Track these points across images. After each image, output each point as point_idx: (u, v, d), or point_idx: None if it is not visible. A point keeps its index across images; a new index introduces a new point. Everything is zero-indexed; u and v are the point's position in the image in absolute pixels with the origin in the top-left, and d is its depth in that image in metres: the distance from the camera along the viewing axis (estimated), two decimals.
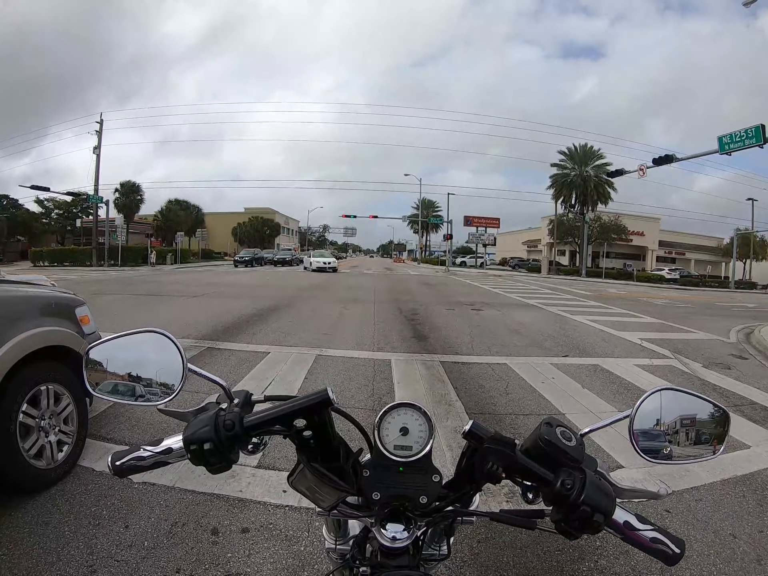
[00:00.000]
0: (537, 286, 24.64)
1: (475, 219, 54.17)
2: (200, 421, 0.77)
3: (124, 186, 50.55)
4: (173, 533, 2.49)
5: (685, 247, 61.38)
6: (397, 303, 13.88)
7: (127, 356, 0.87)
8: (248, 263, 40.93)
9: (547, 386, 5.56)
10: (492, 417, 4.46)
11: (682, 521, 2.85)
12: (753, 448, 3.97)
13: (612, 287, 29.05)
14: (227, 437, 0.75)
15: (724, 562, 2.45)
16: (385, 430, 0.83)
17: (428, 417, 0.84)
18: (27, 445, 2.75)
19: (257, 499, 2.87)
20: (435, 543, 0.93)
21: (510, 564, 2.40)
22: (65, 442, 3.07)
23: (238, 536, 2.50)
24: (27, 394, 2.79)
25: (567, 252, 58.63)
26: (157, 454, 0.81)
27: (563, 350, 7.81)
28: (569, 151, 50.88)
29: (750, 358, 8.00)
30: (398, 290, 19.05)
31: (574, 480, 0.74)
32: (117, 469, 0.81)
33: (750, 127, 17.69)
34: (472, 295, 17.97)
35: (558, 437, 0.78)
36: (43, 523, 2.51)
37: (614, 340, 8.96)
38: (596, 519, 0.72)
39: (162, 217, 57.00)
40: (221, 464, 0.76)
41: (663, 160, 21.50)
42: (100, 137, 36.61)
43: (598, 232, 49.48)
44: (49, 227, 52.76)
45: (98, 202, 37.39)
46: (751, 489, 3.29)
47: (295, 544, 2.44)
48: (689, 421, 0.86)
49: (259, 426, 0.78)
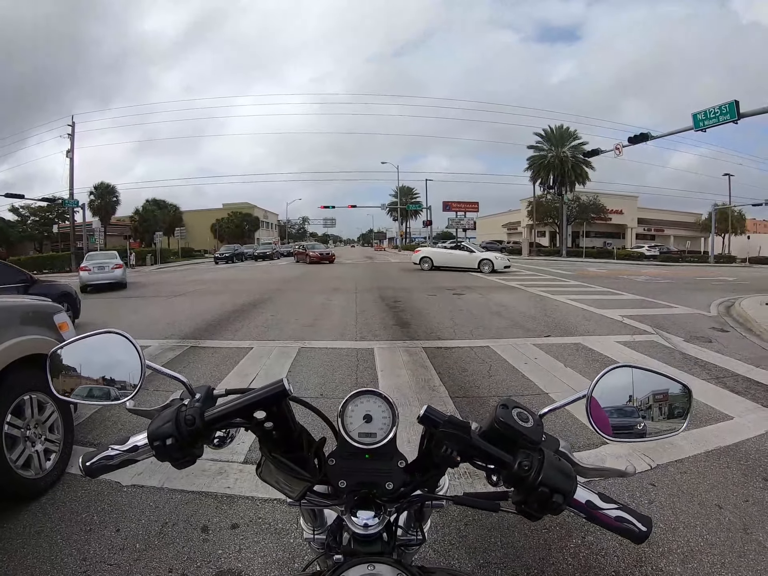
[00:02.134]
0: (517, 268, 24.75)
1: (454, 204, 54.09)
2: (162, 417, 0.79)
3: (99, 188, 49.59)
4: (164, 534, 2.52)
5: (663, 224, 62.10)
6: (379, 291, 13.93)
7: (88, 359, 0.89)
8: (229, 259, 40.57)
9: (530, 366, 5.65)
10: (476, 400, 4.53)
11: (667, 494, 2.91)
12: (736, 419, 4.05)
13: (592, 266, 29.31)
14: (189, 432, 0.76)
15: (711, 533, 2.50)
16: (349, 418, 0.83)
17: (391, 403, 0.84)
18: (14, 455, 2.75)
19: (245, 494, 2.90)
20: (411, 529, 0.94)
21: (498, 544, 2.45)
22: (52, 450, 3.07)
23: (228, 532, 2.53)
24: (10, 404, 2.78)
25: (547, 233, 58.97)
26: (124, 452, 0.83)
27: (545, 330, 7.91)
28: (546, 133, 50.97)
29: (731, 331, 8.15)
30: (380, 278, 19.10)
31: (531, 461, 0.74)
32: (87, 470, 0.83)
33: (724, 103, 17.71)
34: (453, 279, 17.95)
35: (514, 419, 0.78)
36: (36, 533, 2.52)
37: (595, 318, 9.09)
38: (555, 500, 0.72)
39: (139, 217, 56.17)
40: (185, 459, 0.78)
41: (638, 139, 21.62)
42: (73, 140, 36.04)
43: (577, 212, 49.88)
44: (26, 234, 51.78)
45: (74, 206, 36.82)
46: (736, 459, 3.35)
47: (285, 537, 2.48)
48: (662, 395, 0.87)
49: (219, 420, 0.79)
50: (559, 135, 50.16)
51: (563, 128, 50.56)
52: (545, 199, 51.97)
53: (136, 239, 53.18)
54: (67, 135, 36.00)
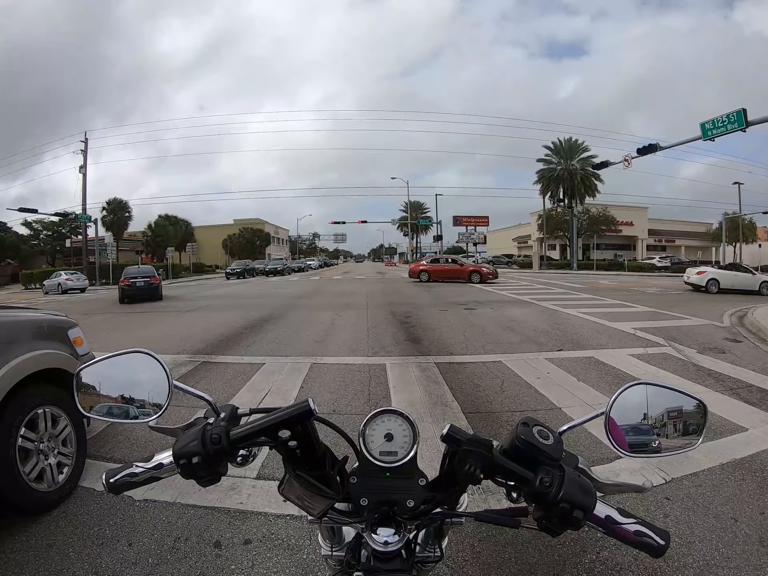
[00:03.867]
0: (529, 282, 24.72)
1: (464, 218, 54.21)
2: (188, 435, 0.79)
3: (111, 203, 50.34)
4: (176, 548, 2.51)
5: (674, 234, 61.80)
6: (390, 306, 13.90)
7: (117, 377, 0.90)
8: (240, 275, 40.85)
9: (543, 381, 5.60)
10: (488, 415, 4.49)
11: (682, 508, 2.87)
12: (750, 431, 4.00)
13: (604, 278, 29.18)
14: (214, 450, 0.77)
15: (727, 546, 2.47)
16: (370, 437, 0.85)
17: (411, 422, 0.85)
18: (27, 468, 2.76)
19: (258, 510, 2.89)
20: (429, 545, 0.94)
21: (512, 560, 2.42)
22: (65, 463, 3.08)
23: (240, 548, 2.52)
24: (25, 417, 2.80)
25: (557, 246, 58.88)
26: (149, 470, 0.84)
27: (557, 344, 7.86)
28: (555, 146, 51.08)
29: (744, 341, 8.07)
30: (390, 294, 19.09)
31: (552, 478, 0.75)
32: (111, 486, 0.84)
33: (732, 112, 17.77)
34: (465, 294, 17.99)
35: (535, 436, 0.79)
36: (47, 546, 2.52)
37: (608, 331, 9.02)
38: (576, 515, 0.73)
39: (151, 233, 56.84)
40: (210, 477, 0.79)
41: (647, 150, 21.70)
42: (86, 156, 36.70)
43: (587, 225, 49.71)
44: (39, 248, 52.47)
45: (86, 221, 37.36)
46: (751, 471, 3.31)
47: (297, 553, 2.46)
48: (676, 413, 0.87)
49: (245, 438, 0.79)
50: (568, 147, 50.25)
51: (572, 141, 50.68)
52: (555, 212, 51.91)
53: (147, 254, 53.75)
54: (80, 151, 36.68)
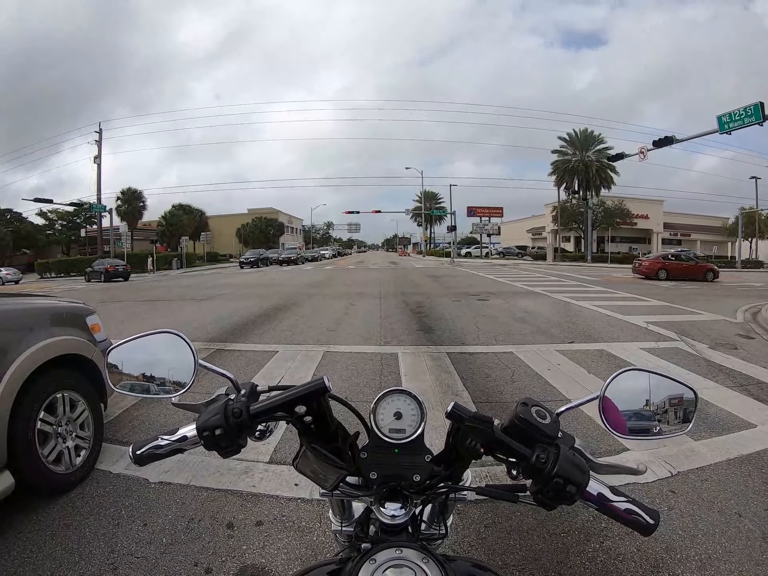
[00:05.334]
0: (542, 274, 24.58)
1: (478, 209, 54.07)
2: (211, 410, 0.85)
3: (126, 193, 50.83)
4: (190, 529, 2.58)
5: (690, 228, 61.05)
6: (403, 296, 13.92)
7: (144, 357, 0.97)
8: (254, 264, 41.08)
9: (553, 373, 5.61)
10: (498, 405, 4.51)
11: (687, 501, 2.87)
12: (759, 428, 3.98)
13: (618, 272, 28.90)
14: (236, 424, 0.82)
15: (730, 541, 2.47)
16: (380, 415, 0.89)
17: (419, 402, 0.89)
18: (46, 451, 2.83)
19: (270, 493, 2.95)
20: (434, 523, 0.99)
21: (516, 547, 2.46)
22: (82, 447, 3.16)
23: (252, 529, 2.58)
24: (44, 402, 2.87)
25: (572, 238, 58.44)
26: (173, 442, 0.89)
27: (569, 337, 7.84)
28: (570, 137, 50.63)
29: (757, 338, 7.98)
30: (403, 283, 19.10)
31: (548, 454, 0.79)
32: (137, 458, 0.89)
33: (749, 105, 17.47)
34: (478, 285, 17.97)
35: (533, 416, 0.83)
36: (65, 526, 2.60)
37: (620, 324, 8.98)
38: (569, 490, 0.77)
39: (166, 222, 57.24)
40: (231, 448, 0.84)
41: (663, 142, 21.38)
42: (100, 146, 37.03)
43: (602, 217, 49.29)
44: (54, 238, 53.06)
45: (101, 211, 37.69)
46: (757, 468, 3.30)
47: (308, 535, 2.52)
48: (677, 400, 0.90)
49: (264, 413, 0.85)
50: (583, 139, 49.78)
51: (588, 132, 50.19)
52: (570, 203, 51.55)
53: (162, 243, 54.15)
54: (95, 141, 36.95)
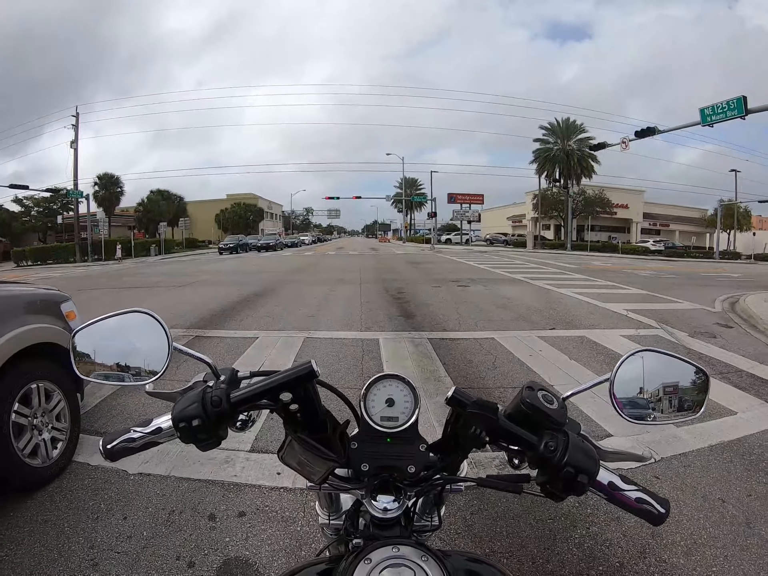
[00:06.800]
0: (523, 261, 24.72)
1: (459, 196, 54.10)
2: (188, 398, 0.77)
3: (103, 178, 49.64)
4: (171, 521, 2.53)
5: (669, 219, 61.92)
6: (384, 283, 13.89)
7: (113, 341, 0.88)
8: (233, 250, 40.79)
9: (535, 359, 5.64)
10: (481, 391, 4.52)
11: (671, 487, 2.91)
12: (739, 415, 4.05)
13: (597, 260, 29.19)
14: (215, 413, 0.75)
15: (714, 526, 2.51)
16: (371, 402, 0.83)
17: (413, 387, 0.83)
18: (21, 444, 2.75)
19: (252, 482, 2.91)
20: (426, 514, 0.94)
21: (503, 533, 2.46)
22: (59, 438, 3.08)
23: (235, 520, 2.54)
24: (18, 393, 2.78)
25: (552, 226, 58.84)
26: (147, 435, 0.82)
27: (550, 323, 7.89)
28: (552, 126, 50.80)
29: (735, 327, 8.10)
30: (384, 270, 19.06)
31: (557, 442, 0.74)
32: (108, 453, 0.82)
33: (732, 99, 17.55)
34: (458, 271, 17.97)
35: (540, 400, 0.78)
36: (43, 521, 2.53)
37: (600, 311, 9.06)
38: (580, 480, 0.72)
39: (144, 208, 56.19)
40: (210, 440, 0.77)
41: (645, 133, 21.53)
42: (77, 131, 36.01)
43: (582, 206, 49.68)
44: (30, 225, 51.78)
45: (78, 197, 36.81)
46: (739, 454, 3.36)
47: (292, 525, 2.49)
48: (672, 388, 0.87)
49: (246, 401, 0.78)
50: (565, 128, 49.99)
51: (570, 121, 50.40)
52: (551, 192, 51.84)
53: (140, 230, 53.25)
54: (71, 126, 36.03)
